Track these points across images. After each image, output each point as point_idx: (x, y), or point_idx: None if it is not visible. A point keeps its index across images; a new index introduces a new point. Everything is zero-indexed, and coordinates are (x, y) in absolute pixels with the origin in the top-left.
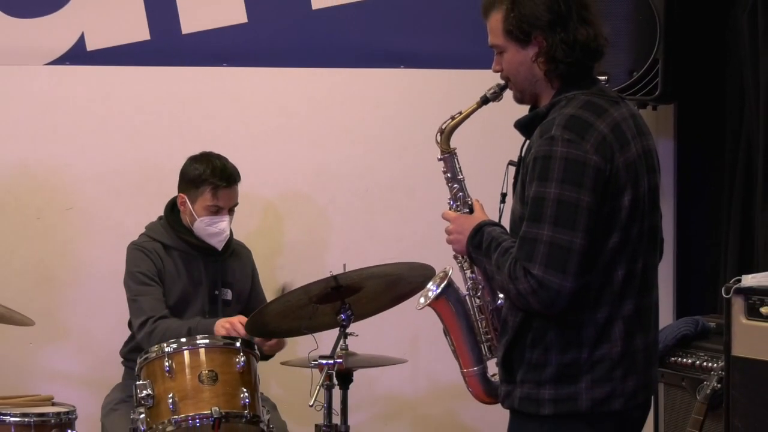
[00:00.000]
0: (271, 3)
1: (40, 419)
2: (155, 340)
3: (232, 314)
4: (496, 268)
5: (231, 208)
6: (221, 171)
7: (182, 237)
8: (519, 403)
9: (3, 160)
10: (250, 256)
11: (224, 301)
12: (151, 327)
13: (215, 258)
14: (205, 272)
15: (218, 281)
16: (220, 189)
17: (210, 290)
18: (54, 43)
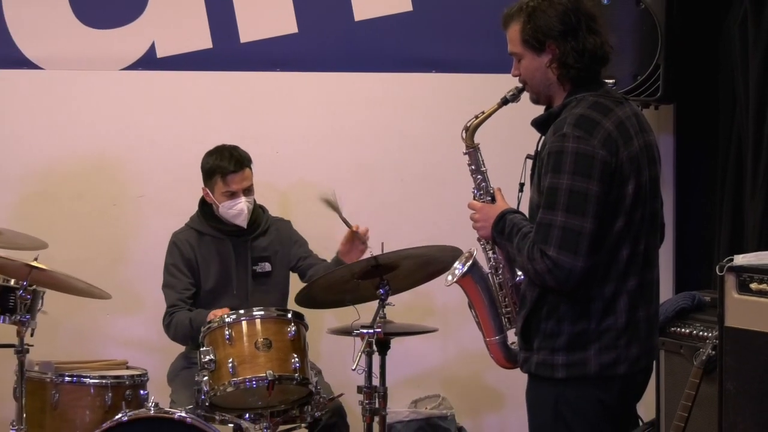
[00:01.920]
0: (319, 15)
1: (116, 381)
2: (171, 332)
3: (275, 283)
4: (517, 250)
5: (245, 190)
6: (228, 159)
7: (211, 224)
8: (536, 367)
9: (83, 153)
10: (287, 227)
11: (263, 273)
12: (168, 319)
13: (244, 238)
14: (236, 252)
15: (252, 257)
16: (229, 175)
17: (247, 267)
18: (128, 51)
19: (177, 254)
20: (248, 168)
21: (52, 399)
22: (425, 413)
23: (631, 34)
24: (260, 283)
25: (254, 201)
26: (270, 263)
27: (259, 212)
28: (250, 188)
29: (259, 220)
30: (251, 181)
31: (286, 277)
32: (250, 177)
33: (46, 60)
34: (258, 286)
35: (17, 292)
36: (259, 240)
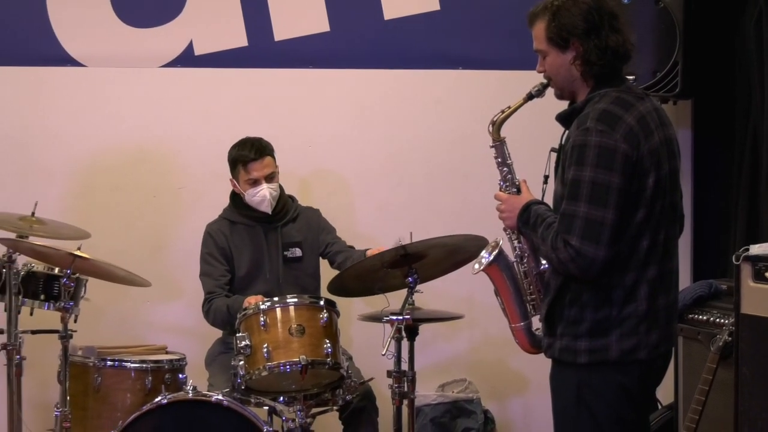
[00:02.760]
0: (350, 14)
1: (156, 365)
2: (210, 318)
3: (305, 267)
4: (541, 240)
5: (267, 177)
6: (249, 148)
7: (242, 212)
8: (559, 353)
9: (124, 147)
10: (317, 215)
11: (294, 258)
12: (206, 306)
13: (274, 225)
14: (267, 239)
15: (283, 243)
16: (249, 163)
17: (278, 252)
18: (167, 49)
19: (211, 244)
20: (269, 156)
21: (95, 382)
22: (452, 397)
23: (650, 32)
24: (291, 268)
25: (280, 188)
26: (300, 249)
27: (288, 201)
28: (272, 175)
29: (287, 207)
30: (273, 168)
31: (316, 262)
32: (272, 165)
33: (89, 57)
34: (289, 271)
35: (61, 280)
36: (289, 226)
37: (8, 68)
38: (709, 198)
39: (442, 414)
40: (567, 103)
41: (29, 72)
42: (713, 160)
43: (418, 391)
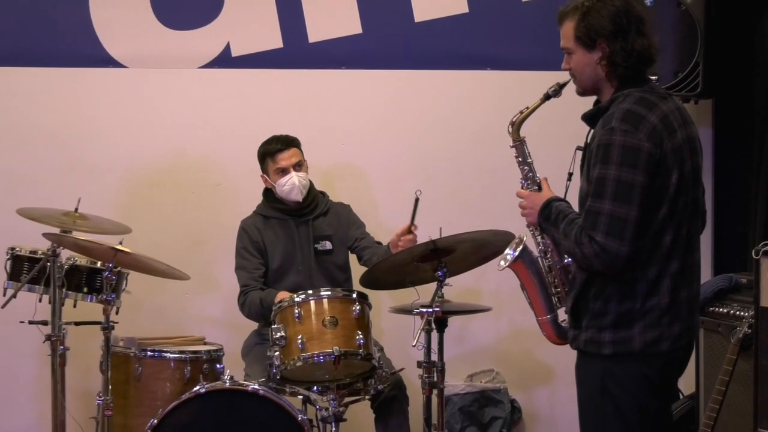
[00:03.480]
0: (382, 17)
1: (194, 355)
2: (246, 310)
3: (335, 260)
4: (563, 235)
5: (295, 165)
6: (275, 141)
7: (274, 206)
8: (584, 344)
9: (164, 146)
10: (347, 210)
11: (324, 251)
12: (242, 299)
13: (306, 218)
14: (298, 232)
15: (314, 236)
16: (277, 154)
17: (309, 244)
18: (205, 51)
19: (246, 238)
20: (295, 147)
21: (136, 372)
22: (480, 386)
23: (672, 34)
24: (322, 261)
25: (311, 184)
26: (330, 242)
27: (319, 195)
28: (300, 164)
29: (318, 201)
30: (300, 157)
31: (345, 255)
32: (299, 154)
33: (130, 59)
34: (320, 263)
35: (103, 273)
36: (320, 220)
37: (53, 69)
38: (730, 194)
39: (471, 403)
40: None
41: (73, 73)
42: (733, 157)
43: (447, 381)
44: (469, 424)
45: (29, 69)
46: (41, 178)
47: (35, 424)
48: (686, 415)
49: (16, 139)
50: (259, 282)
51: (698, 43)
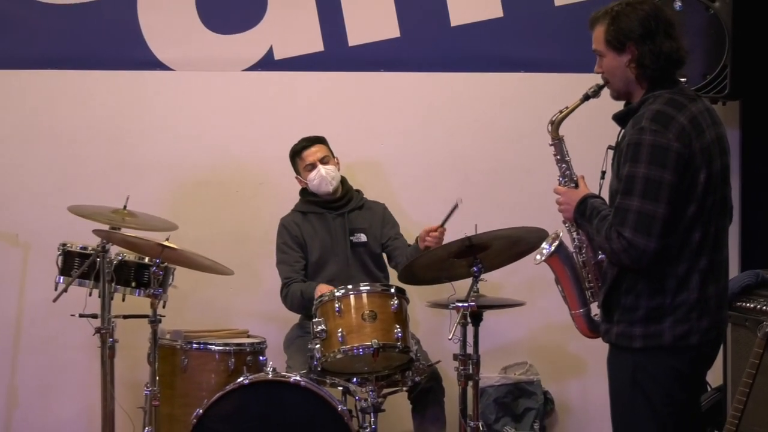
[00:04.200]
0: (419, 21)
1: (238, 348)
2: (288, 303)
3: (370, 252)
4: (596, 231)
5: (321, 159)
6: (301, 141)
7: (311, 201)
8: (616, 338)
9: (209, 145)
10: (382, 208)
11: (359, 243)
12: (284, 292)
13: (341, 212)
14: (334, 224)
15: (350, 228)
16: (302, 151)
17: (345, 236)
18: (249, 54)
19: (285, 234)
20: (320, 144)
21: (182, 363)
22: (514, 378)
23: (701, 37)
24: (358, 252)
25: (344, 180)
26: (365, 234)
27: (354, 192)
28: (326, 159)
29: (352, 195)
30: (325, 152)
31: (379, 249)
32: (324, 150)
33: (176, 62)
34: (356, 255)
35: (151, 268)
36: (355, 213)
37: (103, 72)
38: (757, 193)
39: (505, 395)
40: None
41: (122, 75)
42: (760, 156)
43: (482, 373)
44: (503, 414)
45: (81, 72)
46: (92, 177)
47: (85, 414)
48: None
49: (67, 139)
50: (299, 275)
51: (726, 47)
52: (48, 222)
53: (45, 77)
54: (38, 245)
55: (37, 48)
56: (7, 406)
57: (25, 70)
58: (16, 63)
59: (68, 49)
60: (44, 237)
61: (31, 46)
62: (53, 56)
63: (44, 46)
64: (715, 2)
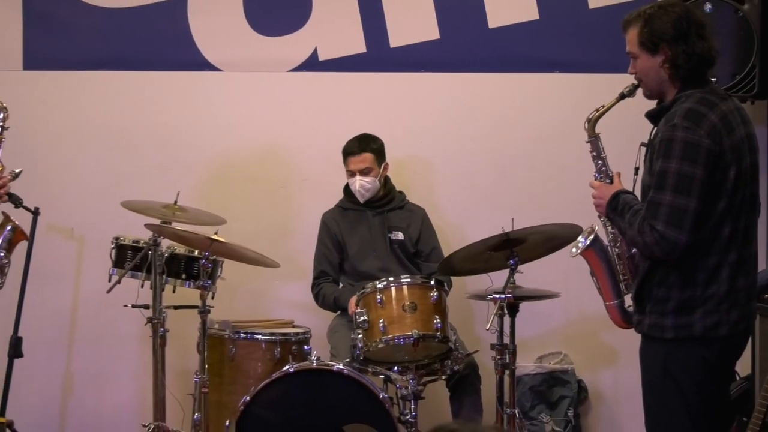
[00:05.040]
0: (458, 23)
1: (284, 337)
2: (319, 301)
3: (405, 250)
4: (628, 225)
5: (362, 171)
6: (353, 142)
7: (352, 199)
8: (648, 329)
9: (256, 143)
10: (422, 213)
11: (396, 240)
12: (316, 290)
13: (381, 210)
14: (373, 222)
15: (388, 226)
16: (349, 156)
17: (384, 233)
18: (294, 55)
19: (325, 231)
20: (368, 152)
21: (230, 352)
22: (549, 367)
23: (730, 39)
24: (395, 250)
25: (387, 180)
26: (402, 233)
27: (396, 193)
28: (366, 170)
29: (393, 195)
30: (368, 164)
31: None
32: (368, 160)
33: (225, 63)
34: (394, 252)
35: (200, 261)
36: (395, 212)
37: (154, 73)
38: None
39: (540, 383)
40: (655, 103)
41: (173, 76)
42: None
43: (518, 363)
44: (538, 402)
45: (134, 73)
46: (144, 174)
47: (137, 401)
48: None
49: (121, 137)
50: (330, 275)
51: (754, 47)
52: (102, 216)
53: (100, 78)
54: (93, 239)
55: (93, 50)
56: (63, 394)
57: (82, 71)
58: (73, 64)
59: (122, 51)
60: (98, 231)
61: (87, 48)
62: (108, 58)
63: (99, 48)
64: (744, 4)
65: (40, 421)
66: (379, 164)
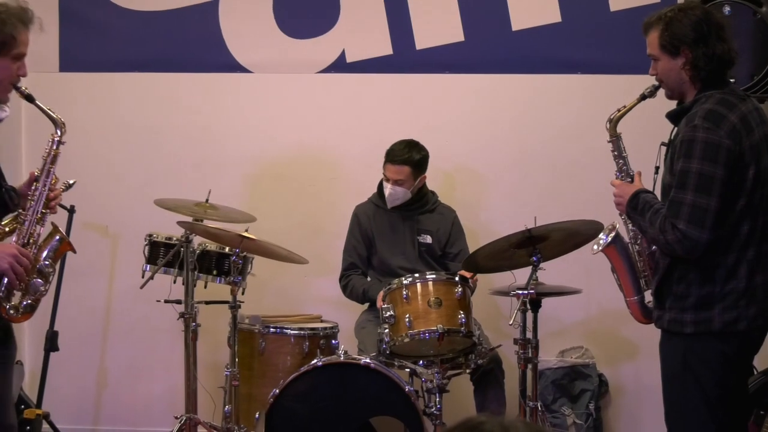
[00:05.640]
0: (482, 26)
1: (312, 332)
2: (347, 292)
3: (433, 254)
4: (649, 223)
5: (395, 181)
6: (397, 149)
7: (383, 199)
8: (668, 324)
9: (285, 143)
10: (453, 215)
11: (424, 243)
12: (344, 282)
13: (412, 213)
14: (404, 222)
15: (417, 228)
16: (389, 162)
17: (411, 236)
18: (323, 57)
19: (356, 224)
20: (407, 166)
21: (260, 346)
22: (571, 362)
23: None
24: (422, 252)
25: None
26: (430, 237)
27: (429, 194)
28: (399, 182)
29: (427, 199)
30: (403, 177)
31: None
32: (404, 173)
33: (255, 65)
34: (421, 255)
35: (231, 257)
36: (425, 216)
37: (187, 74)
38: None
39: (562, 377)
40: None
41: (205, 78)
42: None
43: (540, 357)
44: (560, 395)
45: (167, 74)
46: (176, 172)
47: (170, 393)
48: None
49: (154, 137)
50: (359, 268)
51: None
52: (135, 214)
53: (134, 79)
54: (126, 236)
55: (127, 52)
56: (97, 386)
57: (116, 73)
58: (108, 66)
59: (155, 54)
60: (132, 228)
61: (122, 50)
62: (142, 60)
63: (133, 51)
64: (762, 6)
65: (76, 412)
66: (415, 177)
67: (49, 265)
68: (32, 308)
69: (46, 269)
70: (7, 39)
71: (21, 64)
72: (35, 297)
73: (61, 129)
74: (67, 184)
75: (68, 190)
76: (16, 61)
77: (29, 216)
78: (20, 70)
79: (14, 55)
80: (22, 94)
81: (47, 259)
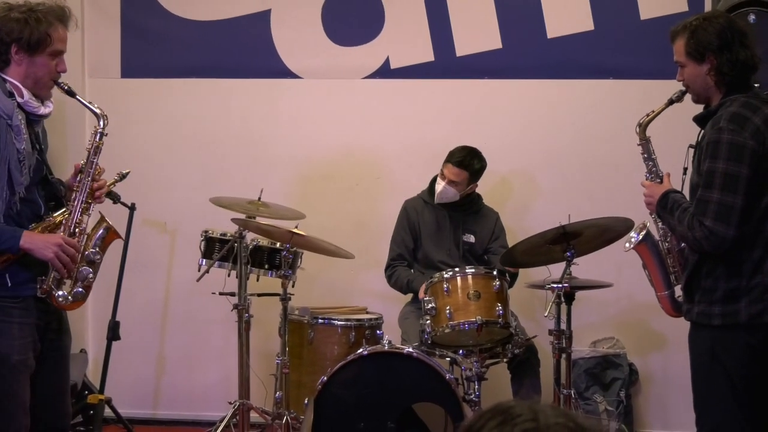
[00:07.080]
0: (519, 34)
1: (358, 323)
2: (392, 281)
3: (475, 252)
4: (678, 222)
5: (451, 181)
6: (459, 153)
7: (433, 195)
8: (696, 316)
9: (332, 144)
10: (495, 217)
11: (467, 242)
12: (390, 271)
13: (458, 213)
14: (450, 221)
15: (462, 228)
16: (448, 163)
17: (455, 234)
18: (368, 63)
19: (404, 217)
20: (467, 171)
21: (309, 336)
22: (602, 352)
23: None
24: (465, 251)
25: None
26: (474, 236)
27: (475, 198)
28: (453, 183)
29: (474, 201)
30: (459, 180)
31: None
32: (461, 177)
33: (304, 71)
34: (463, 253)
35: (282, 252)
36: (470, 216)
37: (240, 80)
38: None
39: (594, 366)
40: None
41: (257, 83)
42: None
43: (574, 347)
44: (592, 383)
45: (222, 80)
46: (230, 172)
47: (224, 380)
48: None
49: (210, 139)
50: (405, 259)
51: None
52: (192, 212)
53: (191, 85)
54: (184, 232)
55: (185, 59)
56: (156, 373)
57: (174, 79)
58: (167, 72)
59: (211, 60)
60: (189, 225)
61: (180, 58)
62: (198, 66)
63: (190, 58)
64: None
65: (136, 398)
66: (469, 183)
67: (96, 253)
68: (83, 296)
69: (94, 257)
70: (42, 37)
71: (60, 60)
72: (84, 284)
73: (103, 121)
74: (121, 174)
75: (123, 180)
76: (54, 58)
77: (75, 206)
78: (59, 66)
79: (51, 52)
80: (63, 89)
81: (95, 248)
